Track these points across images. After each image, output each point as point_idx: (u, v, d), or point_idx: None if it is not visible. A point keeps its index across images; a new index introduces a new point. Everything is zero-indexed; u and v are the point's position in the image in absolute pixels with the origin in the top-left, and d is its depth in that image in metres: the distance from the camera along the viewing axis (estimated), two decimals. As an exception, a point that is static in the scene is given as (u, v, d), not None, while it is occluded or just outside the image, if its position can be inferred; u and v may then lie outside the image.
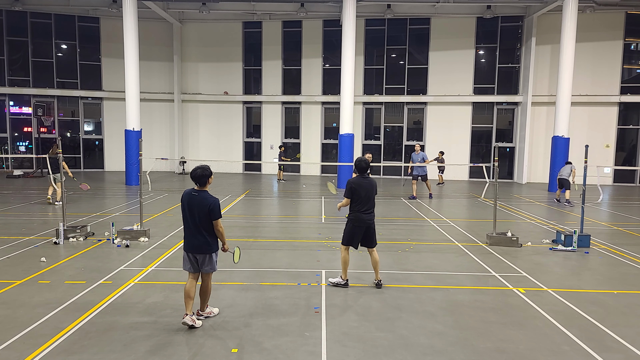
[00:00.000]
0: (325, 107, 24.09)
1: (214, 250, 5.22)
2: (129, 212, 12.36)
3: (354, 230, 6.47)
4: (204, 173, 5.16)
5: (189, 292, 5.19)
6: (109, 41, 23.78)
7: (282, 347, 4.76)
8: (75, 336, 4.90)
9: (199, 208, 5.07)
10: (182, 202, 5.21)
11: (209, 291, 5.40)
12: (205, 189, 5.21)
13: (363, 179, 6.46)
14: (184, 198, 5.19)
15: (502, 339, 5.01)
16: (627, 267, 7.88)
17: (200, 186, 5.18)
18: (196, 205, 5.09)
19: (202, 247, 5.16)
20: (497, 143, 21.90)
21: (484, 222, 11.65)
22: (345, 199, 6.48)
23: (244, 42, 24.25)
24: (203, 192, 5.16)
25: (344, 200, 6.53)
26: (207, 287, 5.35)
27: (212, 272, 5.32)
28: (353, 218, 6.47)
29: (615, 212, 13.52)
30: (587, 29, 20.74)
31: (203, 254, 5.18)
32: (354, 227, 6.47)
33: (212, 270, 5.30)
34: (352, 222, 6.48)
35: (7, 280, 6.60)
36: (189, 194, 5.18)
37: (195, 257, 5.21)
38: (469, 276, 7.25)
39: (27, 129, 24.08)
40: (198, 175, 5.14)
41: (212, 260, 5.25)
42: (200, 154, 24.66)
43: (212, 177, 5.30)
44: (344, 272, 6.58)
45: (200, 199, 5.10)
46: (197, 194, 5.14)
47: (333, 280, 6.68)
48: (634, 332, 5.23)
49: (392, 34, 23.16)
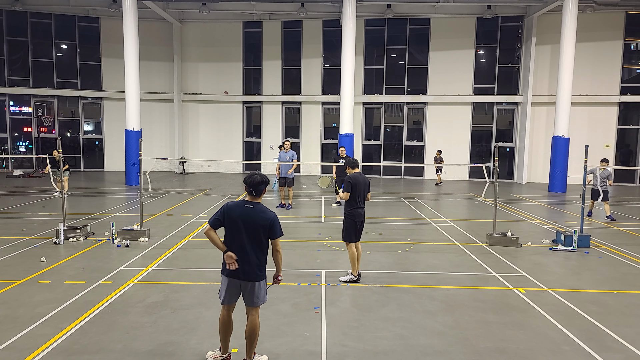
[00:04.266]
0: (325, 107, 24.09)
1: (265, 276, 4.30)
2: (129, 212, 12.36)
3: (355, 226, 6.77)
4: (263, 180, 4.23)
5: (228, 324, 4.32)
6: (109, 41, 23.78)
7: (282, 347, 4.76)
8: (75, 336, 4.90)
9: (257, 224, 4.14)
10: (230, 217, 4.16)
11: (257, 331, 4.30)
12: (259, 200, 4.30)
13: (360, 175, 6.79)
14: (233, 212, 4.17)
15: (502, 339, 5.01)
16: (627, 267, 7.88)
17: (255, 196, 4.24)
18: (253, 221, 4.13)
19: (254, 273, 4.20)
20: (497, 143, 21.92)
21: (484, 222, 11.65)
22: (346, 193, 6.70)
23: (244, 42, 24.26)
24: (259, 205, 4.25)
25: (344, 194, 6.74)
26: (255, 326, 4.28)
27: (261, 304, 4.36)
28: (352, 214, 6.75)
29: (615, 212, 13.51)
30: (587, 29, 20.74)
31: (253, 282, 4.22)
32: (354, 222, 6.76)
33: (263, 301, 4.33)
34: (351, 218, 6.76)
35: (7, 280, 6.60)
36: (242, 206, 4.19)
37: (240, 285, 4.24)
38: (469, 276, 7.25)
39: (27, 129, 24.09)
40: (256, 182, 4.20)
41: (262, 288, 4.29)
42: (200, 154, 24.67)
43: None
44: (355, 268, 6.81)
45: (258, 213, 4.17)
46: (252, 206, 4.19)
47: (344, 278, 6.81)
48: (634, 332, 5.23)
49: (392, 34, 23.16)
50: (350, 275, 6.82)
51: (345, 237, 6.82)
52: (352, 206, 6.73)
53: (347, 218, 6.79)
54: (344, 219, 6.83)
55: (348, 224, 6.76)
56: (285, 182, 13.03)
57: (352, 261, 6.78)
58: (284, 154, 13.03)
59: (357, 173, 6.81)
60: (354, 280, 6.77)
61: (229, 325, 4.35)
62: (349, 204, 6.74)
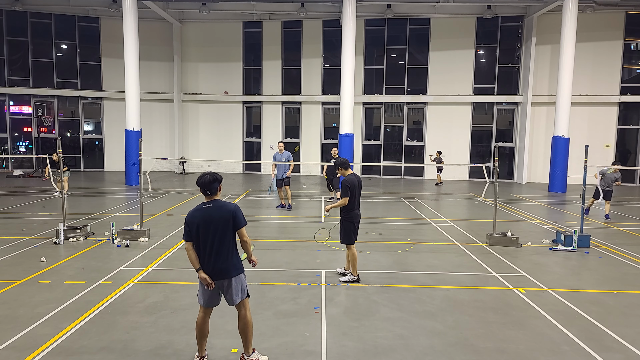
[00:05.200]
0: (325, 107, 24.09)
1: (242, 269, 4.35)
2: (129, 212, 12.36)
3: (355, 227, 6.81)
4: (215, 177, 4.27)
5: (204, 328, 4.33)
6: (109, 41, 23.77)
7: (282, 347, 4.76)
8: (75, 336, 4.90)
9: (219, 220, 4.16)
10: (190, 224, 4.19)
11: (250, 325, 4.34)
12: (217, 197, 4.33)
13: (355, 177, 6.78)
14: (193, 217, 4.20)
15: (502, 339, 5.01)
16: (627, 267, 7.88)
17: (211, 195, 4.27)
18: (214, 218, 4.16)
19: (230, 270, 4.22)
20: (497, 143, 21.91)
21: (484, 222, 11.65)
22: (345, 199, 6.65)
23: (244, 42, 24.26)
24: (216, 201, 4.27)
25: (343, 200, 6.67)
26: (247, 321, 4.31)
27: (247, 297, 4.38)
28: (351, 216, 6.75)
29: (615, 212, 13.52)
30: (587, 29, 20.74)
31: (229, 278, 4.24)
32: (353, 224, 6.78)
33: (246, 295, 4.36)
34: (350, 220, 6.77)
35: (7, 280, 6.60)
36: (201, 209, 4.22)
37: (220, 285, 4.27)
38: (469, 276, 7.25)
39: (27, 129, 24.09)
40: (207, 182, 4.23)
41: (242, 281, 4.32)
42: (200, 154, 24.67)
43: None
44: (355, 269, 6.83)
45: (216, 209, 4.21)
46: (210, 204, 4.24)
47: (345, 278, 6.83)
48: (634, 332, 5.23)
49: (392, 34, 23.16)
50: (350, 276, 6.83)
51: (345, 239, 6.79)
52: (350, 209, 6.69)
53: (344, 221, 6.77)
54: (342, 222, 6.82)
55: (347, 227, 6.76)
56: (283, 182, 13.07)
57: (353, 263, 6.78)
58: (280, 155, 13.05)
59: (352, 175, 6.75)
60: (354, 280, 6.78)
61: (205, 328, 4.35)
62: (347, 207, 6.69)
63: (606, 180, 12.32)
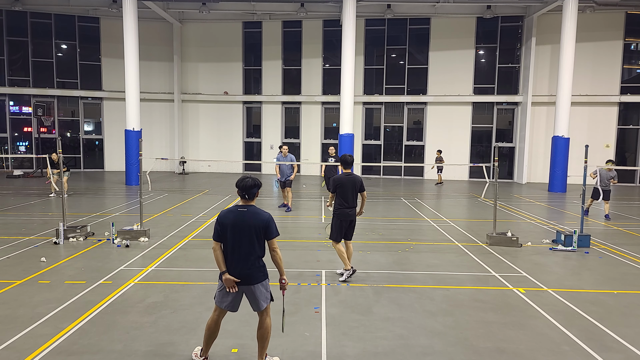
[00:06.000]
0: (325, 107, 24.10)
1: (266, 276, 4.28)
2: (129, 212, 12.36)
3: (341, 225, 6.92)
4: (255, 183, 4.21)
5: (215, 330, 4.30)
6: (109, 41, 23.78)
7: (282, 347, 4.76)
8: (75, 336, 4.90)
9: (251, 226, 4.10)
10: (225, 224, 4.12)
11: (269, 332, 4.30)
12: (253, 202, 4.27)
13: (346, 177, 6.93)
14: (226, 218, 4.14)
15: (502, 339, 5.01)
16: (627, 267, 7.88)
17: (248, 199, 4.22)
18: (247, 224, 4.10)
19: (255, 275, 4.17)
20: (497, 143, 21.91)
21: (484, 222, 11.65)
22: (331, 194, 7.02)
23: (244, 42, 24.26)
24: (252, 207, 4.22)
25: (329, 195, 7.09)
26: (267, 328, 4.28)
27: (270, 303, 4.34)
28: (339, 214, 6.92)
29: (615, 212, 13.51)
30: (587, 29, 20.74)
31: (255, 284, 4.19)
32: (341, 222, 6.91)
33: (269, 300, 4.32)
34: (338, 218, 6.93)
35: (7, 280, 6.60)
36: (235, 211, 4.17)
37: (243, 290, 4.21)
38: (469, 276, 7.25)
39: (27, 129, 24.09)
40: (248, 186, 4.17)
41: (266, 288, 4.27)
42: (200, 154, 24.67)
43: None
44: (346, 263, 6.90)
45: (251, 215, 4.14)
46: (245, 209, 4.18)
47: (342, 277, 6.88)
48: (634, 332, 5.23)
49: (392, 34, 23.16)
50: (345, 272, 6.89)
51: (331, 235, 7.00)
52: (339, 206, 6.91)
53: (333, 216, 7.01)
54: (332, 217, 7.05)
55: (334, 223, 6.96)
56: (285, 184, 13.13)
57: (342, 257, 6.89)
58: (283, 158, 13.04)
59: (344, 174, 6.97)
60: (350, 274, 6.84)
61: (216, 330, 4.33)
62: (337, 203, 6.94)
63: (602, 179, 12.32)
